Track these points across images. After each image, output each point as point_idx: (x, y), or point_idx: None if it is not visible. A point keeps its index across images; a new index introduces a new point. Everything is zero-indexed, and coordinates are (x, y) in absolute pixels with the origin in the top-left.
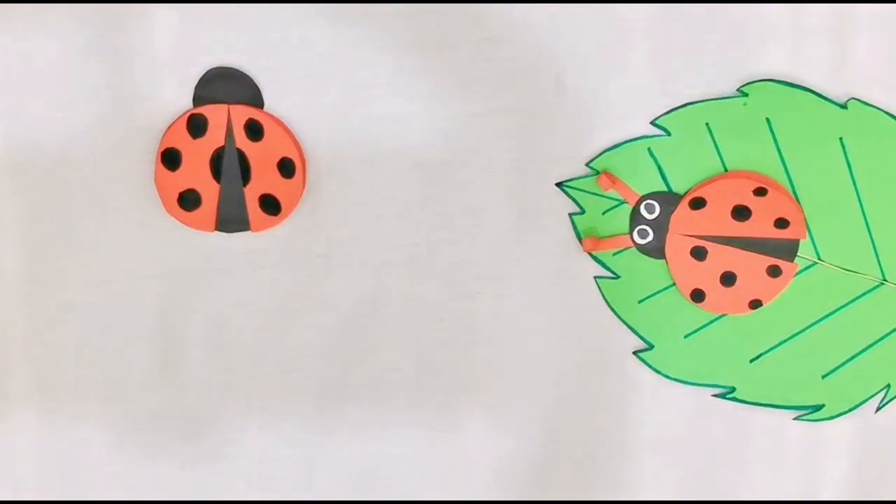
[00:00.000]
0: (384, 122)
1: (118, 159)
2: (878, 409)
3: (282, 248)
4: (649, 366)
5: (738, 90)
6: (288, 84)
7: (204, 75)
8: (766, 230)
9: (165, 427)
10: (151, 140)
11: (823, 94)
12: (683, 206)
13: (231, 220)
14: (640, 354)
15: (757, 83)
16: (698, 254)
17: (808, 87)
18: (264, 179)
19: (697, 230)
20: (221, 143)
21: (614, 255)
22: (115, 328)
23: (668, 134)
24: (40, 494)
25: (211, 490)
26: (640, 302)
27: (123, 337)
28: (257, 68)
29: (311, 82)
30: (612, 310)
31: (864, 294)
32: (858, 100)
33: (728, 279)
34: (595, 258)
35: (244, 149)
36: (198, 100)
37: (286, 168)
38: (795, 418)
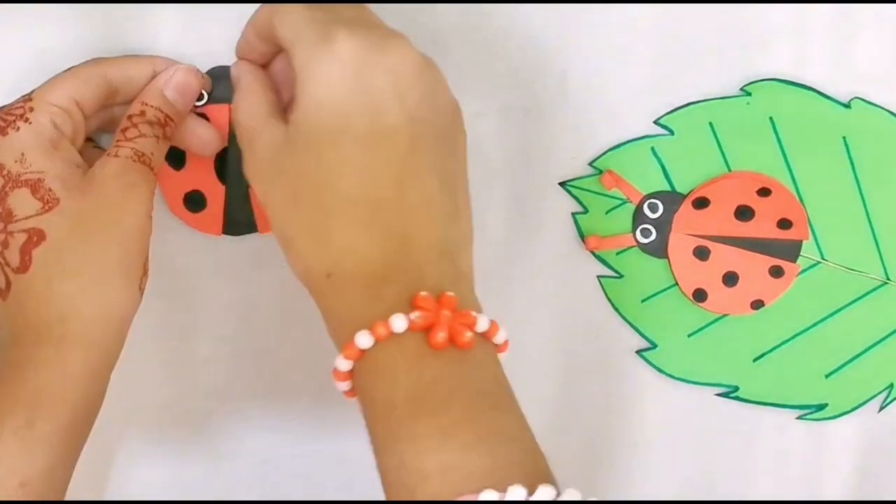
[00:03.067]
0: None
1: None
2: (881, 408)
3: None
4: (652, 365)
5: (741, 89)
6: None
7: (206, 74)
8: (769, 231)
9: (167, 426)
10: None
11: (827, 94)
12: (687, 205)
13: (238, 222)
14: (643, 353)
15: (760, 82)
16: (701, 253)
17: (811, 86)
18: None
19: (700, 230)
20: (225, 143)
21: (617, 254)
22: None
23: (672, 133)
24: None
25: (211, 490)
26: (643, 301)
27: (128, 336)
28: None
29: None
30: (615, 309)
31: (867, 293)
32: (862, 99)
33: (730, 279)
34: (598, 257)
35: None
36: (200, 99)
37: None
38: (798, 417)
